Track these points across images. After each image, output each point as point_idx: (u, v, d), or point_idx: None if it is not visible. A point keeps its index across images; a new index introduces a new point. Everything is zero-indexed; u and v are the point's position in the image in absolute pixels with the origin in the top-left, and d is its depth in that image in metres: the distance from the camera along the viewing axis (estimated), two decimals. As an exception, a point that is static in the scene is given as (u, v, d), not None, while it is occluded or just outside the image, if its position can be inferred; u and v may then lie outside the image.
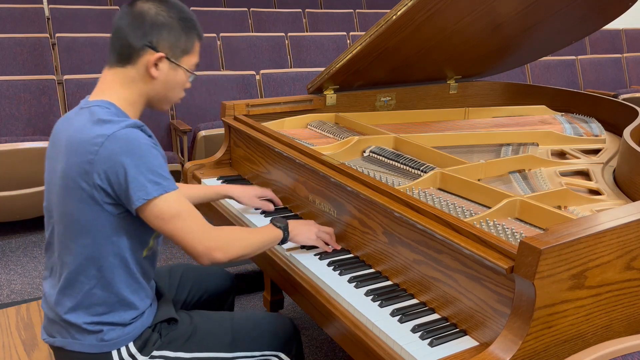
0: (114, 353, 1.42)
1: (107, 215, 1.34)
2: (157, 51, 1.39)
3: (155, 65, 1.39)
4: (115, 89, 1.40)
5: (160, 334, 1.49)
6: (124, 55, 1.39)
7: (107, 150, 1.29)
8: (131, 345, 1.44)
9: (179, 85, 1.47)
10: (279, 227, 1.61)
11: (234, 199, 1.92)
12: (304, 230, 1.65)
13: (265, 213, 1.94)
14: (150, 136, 1.38)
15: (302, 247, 1.70)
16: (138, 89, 1.41)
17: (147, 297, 1.47)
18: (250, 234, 1.55)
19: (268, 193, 1.98)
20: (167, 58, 1.40)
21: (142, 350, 1.45)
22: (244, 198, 1.92)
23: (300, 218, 1.90)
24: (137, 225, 1.39)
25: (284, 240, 1.62)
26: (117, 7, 5.55)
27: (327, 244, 1.69)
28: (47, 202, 1.45)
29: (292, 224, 1.64)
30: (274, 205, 1.97)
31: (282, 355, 1.60)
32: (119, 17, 1.41)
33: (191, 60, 1.46)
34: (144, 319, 1.46)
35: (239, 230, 1.54)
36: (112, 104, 1.38)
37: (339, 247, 1.70)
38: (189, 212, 1.37)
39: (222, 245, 1.41)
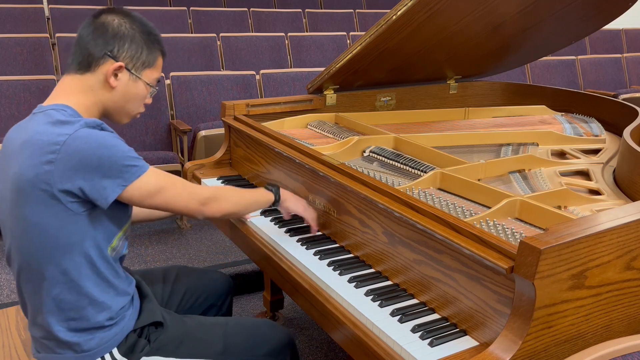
0: None
1: (70, 215, 1.30)
2: (117, 61, 1.39)
3: (115, 75, 1.40)
4: (72, 95, 1.39)
5: (149, 339, 1.46)
6: (84, 63, 1.39)
7: (69, 148, 1.27)
8: (115, 352, 1.42)
9: (138, 97, 1.46)
10: (271, 190, 1.66)
11: None
12: (294, 198, 1.72)
13: (266, 213, 1.94)
14: (110, 131, 1.37)
15: (302, 246, 1.69)
16: (95, 97, 1.41)
17: (119, 296, 1.43)
18: (241, 192, 1.58)
19: None
20: (127, 69, 1.41)
21: (128, 356, 1.43)
22: None
23: (301, 218, 1.89)
24: (101, 222, 1.36)
25: (274, 203, 1.67)
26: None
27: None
28: (0, 216, 1.41)
29: (283, 191, 1.69)
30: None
31: None
32: (82, 27, 1.42)
33: (152, 74, 1.47)
34: (124, 323, 1.43)
35: (229, 188, 1.58)
36: (69, 107, 1.36)
37: (315, 232, 1.77)
38: (170, 180, 1.41)
39: (213, 200, 1.46)
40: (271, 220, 1.88)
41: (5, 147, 1.40)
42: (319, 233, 1.79)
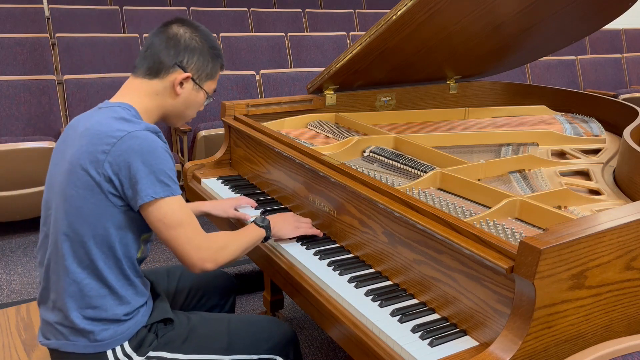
0: (109, 353, 1.42)
1: (109, 206, 1.37)
2: (186, 71, 1.49)
3: (181, 84, 1.50)
4: (138, 96, 1.48)
5: (157, 334, 1.49)
6: (154, 69, 1.48)
7: (125, 144, 1.35)
8: (126, 345, 1.44)
9: (197, 105, 1.58)
10: (262, 227, 1.65)
11: (209, 213, 1.92)
12: (284, 225, 1.71)
13: (266, 213, 1.94)
14: (165, 143, 1.43)
15: (302, 246, 1.70)
16: (158, 102, 1.50)
17: (139, 295, 1.48)
18: (237, 239, 1.57)
19: (242, 200, 1.98)
20: (193, 79, 1.51)
21: (137, 350, 1.45)
22: (219, 212, 1.92)
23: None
24: (135, 223, 1.41)
25: (266, 238, 1.67)
26: (117, 7, 5.55)
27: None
28: (47, 194, 1.47)
29: (273, 221, 1.69)
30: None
31: (279, 359, 1.60)
32: (155, 34, 1.51)
33: (212, 85, 1.58)
34: (138, 318, 1.47)
35: (226, 237, 1.56)
36: (133, 107, 1.46)
37: (320, 234, 1.76)
38: (189, 221, 1.42)
39: (214, 256, 1.47)
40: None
41: (66, 133, 1.49)
42: (322, 234, 1.79)
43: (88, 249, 1.38)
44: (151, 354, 1.46)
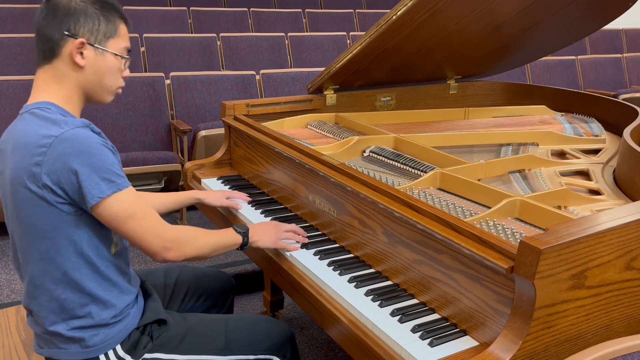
0: (102, 357, 1.41)
1: (63, 215, 1.31)
2: (77, 38, 1.36)
3: (81, 54, 1.36)
4: (50, 88, 1.38)
5: (152, 336, 1.47)
6: (48, 51, 1.37)
7: (55, 151, 1.27)
8: (119, 349, 1.42)
9: (112, 71, 1.42)
10: (239, 232, 1.61)
11: (204, 202, 1.94)
12: (264, 235, 1.65)
13: (266, 213, 1.94)
14: (98, 133, 1.36)
15: (302, 246, 1.70)
16: (71, 83, 1.38)
17: (124, 294, 1.44)
18: (207, 235, 1.53)
19: (235, 194, 2.00)
20: (90, 44, 1.37)
21: (131, 352, 1.43)
22: (213, 200, 1.94)
23: (300, 218, 1.90)
24: (96, 222, 1.36)
25: (243, 245, 1.62)
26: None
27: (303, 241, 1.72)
28: (5, 216, 1.42)
29: (253, 229, 1.64)
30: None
31: (277, 359, 1.59)
32: (37, 14, 1.38)
33: (119, 43, 1.42)
34: (128, 320, 1.44)
35: (195, 230, 1.52)
36: (52, 104, 1.36)
37: (306, 240, 1.71)
38: (143, 211, 1.37)
39: (177, 244, 1.42)
40: (271, 220, 1.88)
41: (1, 150, 1.40)
42: (318, 233, 1.79)
43: (58, 264, 1.34)
44: (147, 356, 1.44)
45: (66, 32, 1.35)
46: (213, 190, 2.03)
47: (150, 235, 1.37)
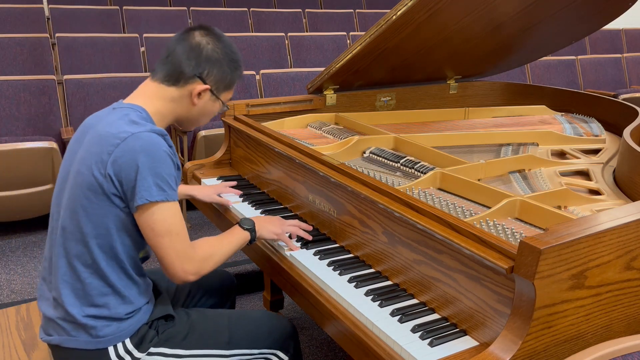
0: (110, 349, 1.43)
1: (111, 207, 1.38)
2: (205, 83, 1.50)
3: (199, 94, 1.50)
4: (152, 100, 1.49)
5: (157, 330, 1.49)
6: (173, 77, 1.48)
7: (127, 145, 1.36)
8: (127, 342, 1.45)
9: (211, 114, 1.59)
10: (246, 229, 1.64)
11: (195, 197, 2.00)
12: (268, 226, 1.69)
13: (266, 213, 1.94)
14: (170, 146, 1.43)
15: (302, 246, 1.70)
16: (173, 108, 1.51)
17: (142, 295, 1.48)
18: (222, 246, 1.56)
19: (226, 189, 2.06)
20: (211, 91, 1.52)
21: (138, 346, 1.45)
22: (204, 196, 2.00)
23: (300, 218, 1.90)
24: (137, 226, 1.42)
25: (252, 240, 1.65)
26: (117, 7, 5.55)
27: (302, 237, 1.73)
28: (57, 191, 1.48)
29: (258, 223, 1.68)
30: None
31: (280, 354, 1.61)
32: (176, 41, 1.51)
33: (229, 95, 1.60)
34: (140, 315, 1.47)
35: (212, 246, 1.53)
36: (145, 110, 1.46)
37: (309, 237, 1.73)
38: (178, 230, 1.41)
39: (197, 267, 1.45)
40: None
41: (80, 131, 1.50)
42: (318, 233, 1.79)
43: (90, 249, 1.40)
44: (152, 350, 1.47)
45: (198, 75, 1.49)
46: (205, 186, 2.06)
47: (176, 257, 1.41)
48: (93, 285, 1.41)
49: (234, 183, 2.11)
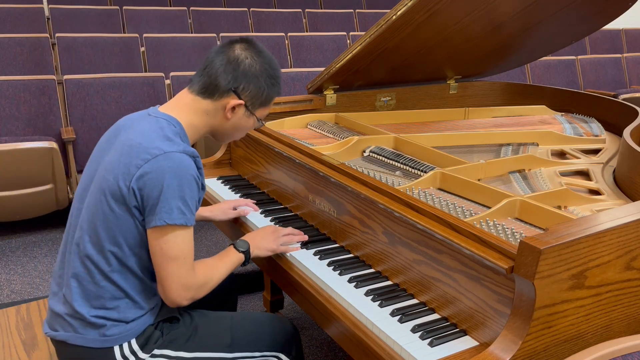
0: (116, 349, 1.43)
1: (132, 219, 1.38)
2: (240, 98, 1.48)
3: (233, 109, 1.49)
4: (187, 112, 1.48)
5: (162, 332, 1.50)
6: (209, 90, 1.47)
7: (158, 163, 1.35)
8: (133, 342, 1.45)
9: (246, 129, 1.57)
10: (241, 252, 1.62)
11: (212, 220, 1.93)
12: (263, 243, 1.66)
13: (266, 213, 1.94)
14: (199, 168, 1.43)
15: (302, 246, 1.70)
16: (207, 121, 1.50)
17: (153, 298, 1.49)
18: (217, 270, 1.54)
19: (242, 202, 1.97)
20: (246, 106, 1.50)
21: (143, 347, 1.46)
22: (220, 216, 1.92)
23: (300, 218, 1.90)
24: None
25: (245, 262, 1.63)
26: (117, 7, 5.55)
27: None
28: (81, 189, 1.48)
29: (252, 242, 1.65)
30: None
31: (282, 356, 1.61)
32: (216, 54, 1.49)
33: (265, 111, 1.57)
34: (147, 317, 1.48)
35: (208, 271, 1.51)
36: (179, 123, 1.46)
37: (305, 238, 1.72)
38: (186, 256, 1.40)
39: (194, 294, 1.45)
40: (271, 220, 1.88)
41: (111, 132, 1.49)
42: (318, 233, 1.79)
43: (106, 255, 1.40)
44: (156, 351, 1.47)
45: (234, 89, 1.47)
46: (217, 204, 1.97)
47: (178, 285, 1.40)
48: (106, 288, 1.41)
49: (247, 201, 1.99)
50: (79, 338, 1.42)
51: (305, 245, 1.71)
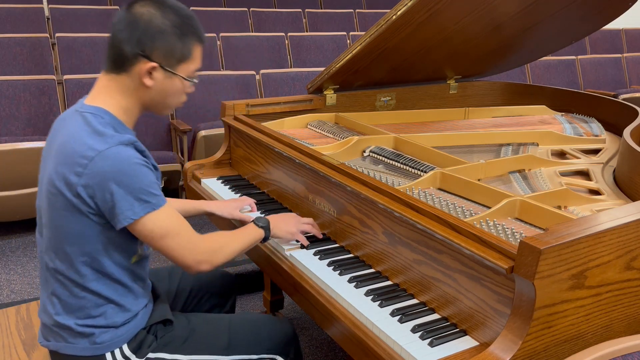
0: (108, 355, 1.42)
1: (92, 225, 1.33)
2: (151, 60, 1.34)
3: (149, 74, 1.35)
4: (112, 95, 1.37)
5: (156, 335, 1.48)
6: (118, 63, 1.35)
7: (96, 166, 1.28)
8: (125, 348, 1.43)
9: (177, 92, 1.42)
10: (261, 227, 1.63)
11: (215, 214, 1.89)
12: (283, 226, 1.67)
13: (266, 213, 1.94)
14: (142, 151, 1.36)
15: (302, 246, 1.70)
16: (134, 97, 1.38)
17: (139, 298, 1.46)
18: (235, 239, 1.55)
19: (246, 202, 1.96)
20: (162, 67, 1.35)
21: (136, 352, 1.44)
22: (225, 214, 1.87)
23: (300, 218, 1.90)
24: (122, 237, 1.37)
25: (265, 239, 1.64)
26: (116, 7, 5.55)
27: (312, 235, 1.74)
28: (38, 201, 1.43)
29: (273, 222, 1.66)
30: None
31: (280, 359, 1.59)
32: (116, 20, 1.36)
33: (190, 67, 1.40)
34: (137, 320, 1.45)
35: (223, 237, 1.53)
36: (108, 112, 1.36)
37: (320, 236, 1.74)
38: (177, 228, 1.38)
39: (209, 258, 1.44)
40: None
41: (50, 137, 1.42)
42: (322, 234, 1.79)
43: (77, 268, 1.36)
44: (150, 355, 1.45)
45: (141, 53, 1.33)
46: (223, 201, 1.96)
47: (184, 251, 1.39)
48: (87, 298, 1.38)
49: (253, 201, 1.98)
50: (69, 347, 1.41)
51: (305, 245, 1.71)
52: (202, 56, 1.44)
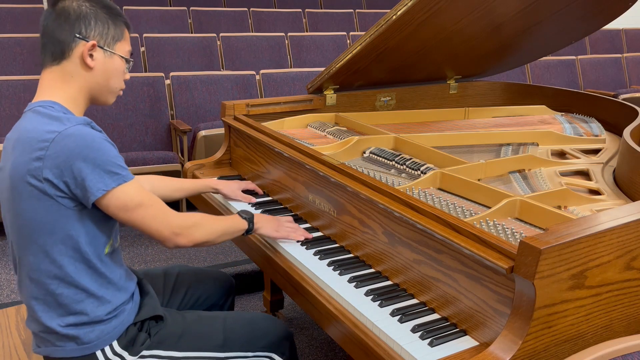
0: (99, 354, 1.41)
1: (62, 209, 1.33)
2: (88, 40, 1.40)
3: (90, 55, 1.40)
4: (56, 87, 1.40)
5: (149, 333, 1.48)
6: (57, 53, 1.39)
7: (58, 145, 1.29)
8: (115, 345, 1.43)
9: (118, 73, 1.47)
10: (245, 218, 1.65)
11: (220, 192, 2.01)
12: (267, 223, 1.70)
13: (266, 213, 1.94)
14: (100, 132, 1.38)
15: (302, 246, 1.70)
16: (78, 84, 1.42)
17: (119, 291, 1.45)
18: (215, 221, 1.56)
19: (250, 185, 2.09)
20: (100, 46, 1.42)
21: (129, 349, 1.44)
22: (229, 192, 2.00)
23: (301, 218, 1.90)
24: (95, 219, 1.38)
25: (248, 231, 1.66)
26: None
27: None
28: (2, 212, 1.42)
29: (257, 217, 1.68)
30: (258, 195, 2.10)
31: (275, 356, 1.60)
32: (44, 18, 1.41)
33: (124, 47, 1.47)
34: (124, 316, 1.45)
35: (203, 216, 1.54)
36: (56, 103, 1.38)
37: (310, 236, 1.74)
38: (150, 199, 1.40)
39: (186, 229, 1.45)
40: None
41: (4, 147, 1.42)
42: (320, 234, 1.79)
43: (53, 258, 1.35)
44: (145, 353, 1.45)
45: (78, 35, 1.39)
46: (227, 181, 2.05)
47: (160, 222, 1.41)
48: (65, 294, 1.37)
49: (255, 185, 2.11)
50: (58, 350, 1.41)
51: (305, 245, 1.71)
52: (129, 40, 1.51)
